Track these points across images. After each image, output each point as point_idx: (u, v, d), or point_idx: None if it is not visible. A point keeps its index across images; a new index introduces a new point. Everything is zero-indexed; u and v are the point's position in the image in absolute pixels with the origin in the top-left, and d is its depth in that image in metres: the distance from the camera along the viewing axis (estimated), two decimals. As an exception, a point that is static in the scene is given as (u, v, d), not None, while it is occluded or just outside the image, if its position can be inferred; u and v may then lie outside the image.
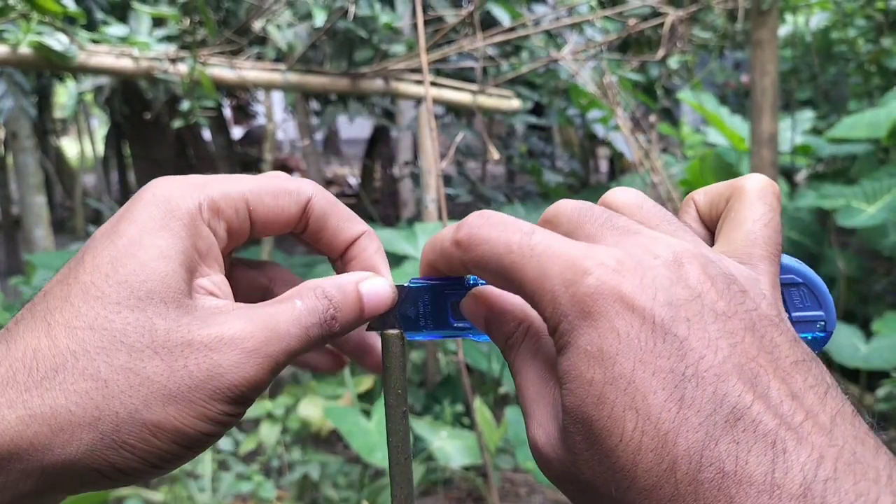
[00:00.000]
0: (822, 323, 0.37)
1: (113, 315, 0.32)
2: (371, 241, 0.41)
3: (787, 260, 0.37)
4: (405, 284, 0.40)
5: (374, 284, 0.38)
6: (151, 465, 0.33)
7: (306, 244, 0.42)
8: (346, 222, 0.40)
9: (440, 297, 0.40)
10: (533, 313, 0.36)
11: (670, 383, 0.28)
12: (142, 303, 0.33)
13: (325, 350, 0.45)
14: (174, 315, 0.33)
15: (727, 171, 3.87)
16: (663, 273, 0.30)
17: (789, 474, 0.26)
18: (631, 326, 0.29)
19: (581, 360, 0.29)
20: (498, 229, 0.33)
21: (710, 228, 0.38)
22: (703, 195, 0.38)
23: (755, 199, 0.36)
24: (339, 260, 0.41)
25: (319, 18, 2.83)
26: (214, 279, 0.36)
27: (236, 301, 0.37)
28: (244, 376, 0.33)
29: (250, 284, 0.43)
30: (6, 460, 0.30)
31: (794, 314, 0.36)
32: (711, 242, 0.37)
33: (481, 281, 0.38)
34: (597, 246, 0.31)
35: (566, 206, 0.35)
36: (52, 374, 0.31)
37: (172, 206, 0.35)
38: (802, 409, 0.28)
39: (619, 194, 0.36)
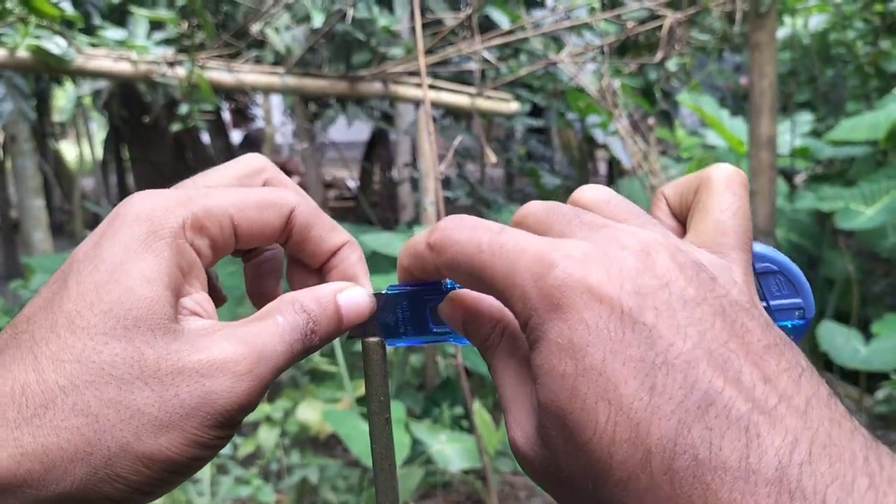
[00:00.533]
0: (801, 311, 0.37)
1: (101, 346, 0.32)
2: (353, 251, 0.41)
3: (763, 249, 0.36)
4: (383, 292, 0.40)
5: (352, 295, 0.38)
6: (143, 493, 0.33)
7: (291, 259, 0.42)
8: (328, 232, 0.40)
9: (419, 302, 0.40)
10: (508, 314, 0.36)
11: (641, 372, 0.28)
12: (129, 332, 0.32)
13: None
14: (162, 343, 0.33)
15: (726, 173, 3.86)
16: (630, 263, 0.30)
17: (764, 459, 0.26)
18: (599, 317, 0.29)
19: (552, 353, 0.29)
20: (469, 231, 0.33)
21: (682, 221, 0.38)
22: (673, 188, 0.38)
23: (723, 188, 0.36)
24: (321, 270, 0.41)
25: (318, 20, 2.83)
26: (197, 298, 0.36)
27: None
28: (236, 400, 0.33)
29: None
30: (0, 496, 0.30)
31: (773, 302, 0.36)
32: (683, 235, 0.37)
33: (458, 285, 0.38)
34: (564, 239, 0.31)
35: (535, 207, 0.35)
36: (42, 410, 0.31)
37: (155, 225, 0.34)
38: (776, 393, 0.27)
39: (586, 192, 0.36)
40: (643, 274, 0.29)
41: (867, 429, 0.28)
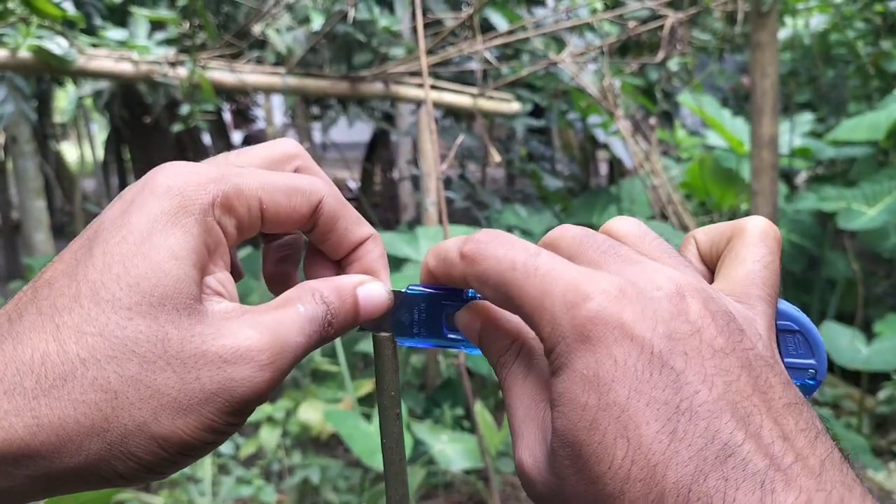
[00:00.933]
0: (813, 371, 0.37)
1: (125, 322, 0.31)
2: (376, 246, 0.41)
3: (786, 307, 0.37)
4: (403, 290, 0.40)
5: (372, 290, 0.38)
6: (154, 472, 0.33)
7: (311, 247, 0.41)
8: (354, 225, 0.40)
9: (436, 306, 0.40)
10: (527, 333, 0.36)
11: (664, 415, 0.28)
12: (154, 310, 0.32)
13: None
14: (187, 324, 0.32)
15: (726, 174, 3.87)
16: (665, 305, 0.30)
17: None
18: (629, 355, 0.29)
19: (576, 384, 0.29)
20: (505, 247, 0.33)
21: (710, 267, 0.38)
22: (705, 234, 0.39)
23: (757, 240, 0.36)
24: (342, 261, 0.41)
25: (317, 22, 2.83)
26: (220, 277, 0.36)
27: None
28: (255, 389, 0.33)
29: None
30: (13, 466, 0.30)
31: (787, 360, 0.37)
32: (711, 281, 0.37)
33: (479, 295, 0.38)
34: (600, 272, 0.31)
35: (568, 231, 0.35)
36: (61, 382, 0.30)
37: (186, 200, 0.34)
38: (793, 451, 0.28)
39: (620, 224, 0.36)
40: (676, 318, 0.30)
41: (873, 497, 0.29)
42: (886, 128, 3.58)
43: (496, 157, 2.38)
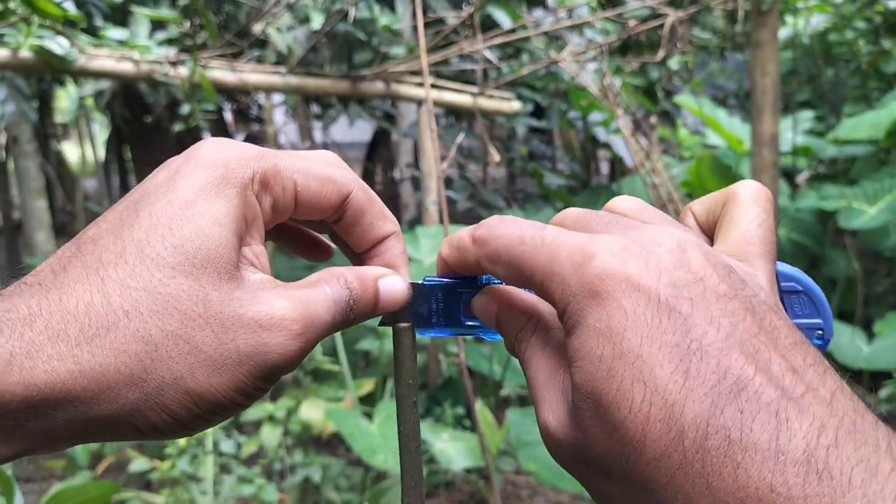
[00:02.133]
0: (821, 331, 0.38)
1: (168, 279, 0.33)
2: (398, 242, 0.43)
3: (788, 268, 0.38)
4: (419, 282, 0.41)
5: (392, 282, 0.40)
6: (184, 427, 0.34)
7: (334, 235, 0.43)
8: (379, 220, 0.42)
9: (453, 295, 0.41)
10: (543, 309, 0.38)
11: (676, 356, 0.29)
12: (196, 270, 0.34)
13: (313, 240, 0.46)
14: (227, 287, 0.34)
15: (725, 172, 3.86)
16: (667, 258, 0.32)
17: (793, 441, 0.27)
18: (637, 304, 0.30)
19: (590, 338, 0.31)
20: (513, 226, 0.35)
21: (709, 235, 0.39)
22: (700, 204, 0.40)
23: (749, 201, 0.38)
24: (364, 255, 0.43)
25: (317, 21, 2.83)
26: (255, 249, 0.38)
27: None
28: (286, 357, 0.35)
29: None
30: (52, 409, 0.31)
31: (794, 321, 0.37)
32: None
33: (495, 281, 0.40)
34: (602, 234, 0.33)
35: (573, 211, 0.37)
36: (104, 332, 0.32)
37: (228, 172, 0.36)
38: (803, 383, 0.29)
39: (621, 201, 0.39)
40: (679, 268, 0.31)
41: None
42: (887, 126, 3.58)
43: (496, 156, 2.38)
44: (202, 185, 0.35)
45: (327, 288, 0.37)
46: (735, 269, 0.32)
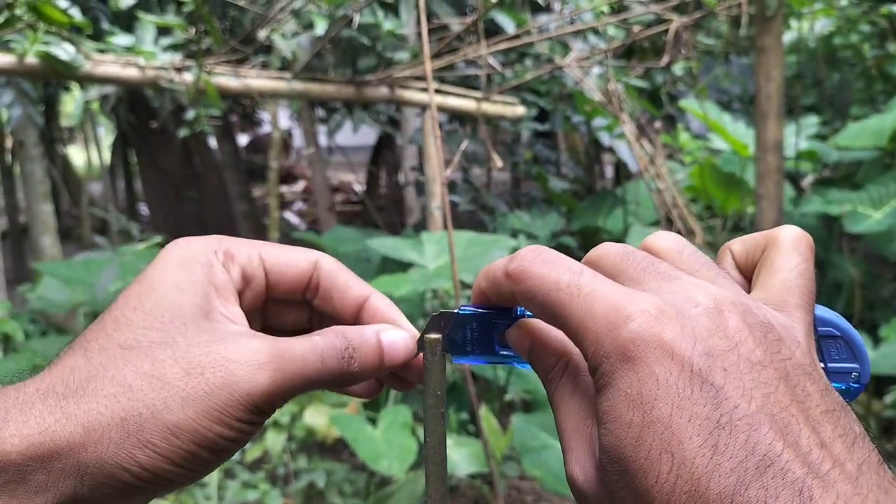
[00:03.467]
0: (857, 375, 0.38)
1: (140, 336, 0.37)
2: (382, 299, 0.43)
3: (827, 313, 0.38)
4: (456, 311, 0.41)
5: (394, 335, 0.41)
6: (177, 466, 0.35)
7: (319, 311, 0.44)
8: (355, 281, 0.43)
9: (488, 324, 0.41)
10: (574, 349, 0.37)
11: (705, 430, 0.29)
12: (164, 325, 0.37)
13: None
14: (193, 333, 0.37)
15: (728, 177, 3.86)
16: (703, 322, 0.31)
17: None
18: (670, 373, 0.30)
19: (621, 403, 0.31)
20: (549, 266, 0.35)
21: (747, 277, 0.39)
22: (740, 244, 0.40)
23: (790, 248, 0.37)
24: (354, 322, 0.43)
25: (320, 27, 2.83)
26: (233, 311, 0.40)
27: None
28: (257, 386, 0.36)
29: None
30: (47, 460, 0.34)
31: (830, 365, 0.38)
32: (748, 290, 0.38)
33: (528, 313, 0.40)
34: (640, 292, 0.33)
35: (609, 249, 0.37)
36: (86, 383, 0.35)
37: (191, 251, 0.40)
38: (830, 458, 0.29)
39: (659, 239, 0.38)
40: (714, 334, 0.31)
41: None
42: (891, 131, 3.57)
43: (498, 162, 2.39)
44: (166, 265, 0.39)
45: (317, 337, 0.39)
46: (773, 327, 0.32)
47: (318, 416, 2.50)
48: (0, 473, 0.33)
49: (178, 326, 0.37)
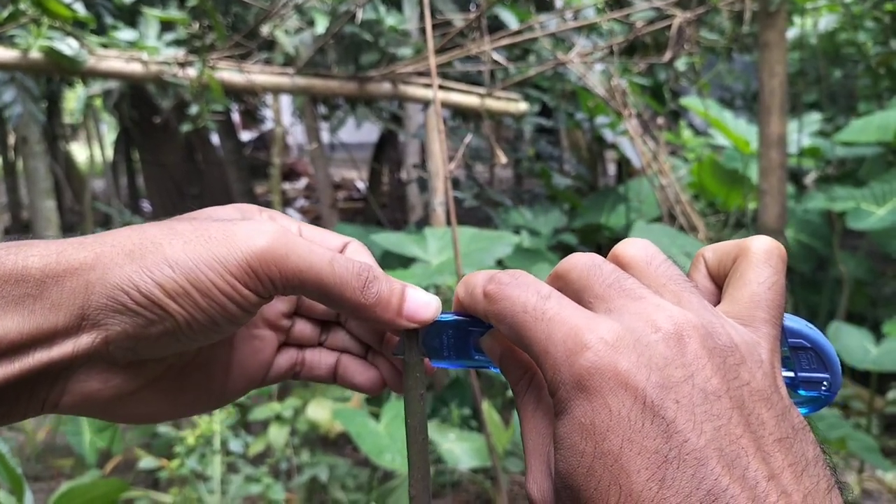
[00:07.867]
0: (827, 384, 0.38)
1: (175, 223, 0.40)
2: (363, 249, 0.45)
3: (796, 324, 0.38)
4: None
5: (422, 295, 0.42)
6: (171, 299, 0.37)
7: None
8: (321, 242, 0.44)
9: (464, 331, 0.43)
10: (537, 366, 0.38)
11: (654, 463, 0.30)
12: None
13: (366, 368, 0.47)
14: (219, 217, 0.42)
15: (728, 175, 3.86)
16: (661, 350, 0.31)
17: None
18: (623, 405, 0.30)
19: (575, 431, 0.31)
20: (520, 289, 0.35)
21: (719, 284, 0.39)
22: (712, 252, 0.40)
23: (761, 261, 0.37)
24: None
25: (321, 25, 2.83)
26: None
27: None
28: (252, 246, 0.38)
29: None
30: (61, 277, 0.36)
31: (801, 374, 0.38)
32: (719, 299, 0.38)
33: None
34: (600, 318, 0.33)
35: (577, 262, 0.36)
36: (111, 235, 0.38)
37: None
38: (777, 489, 0.29)
39: (629, 248, 0.37)
40: (671, 364, 0.31)
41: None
42: (894, 127, 3.56)
43: (502, 158, 2.39)
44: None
45: (338, 252, 0.42)
46: (735, 348, 0.32)
47: (321, 411, 2.50)
48: (21, 284, 0.36)
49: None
